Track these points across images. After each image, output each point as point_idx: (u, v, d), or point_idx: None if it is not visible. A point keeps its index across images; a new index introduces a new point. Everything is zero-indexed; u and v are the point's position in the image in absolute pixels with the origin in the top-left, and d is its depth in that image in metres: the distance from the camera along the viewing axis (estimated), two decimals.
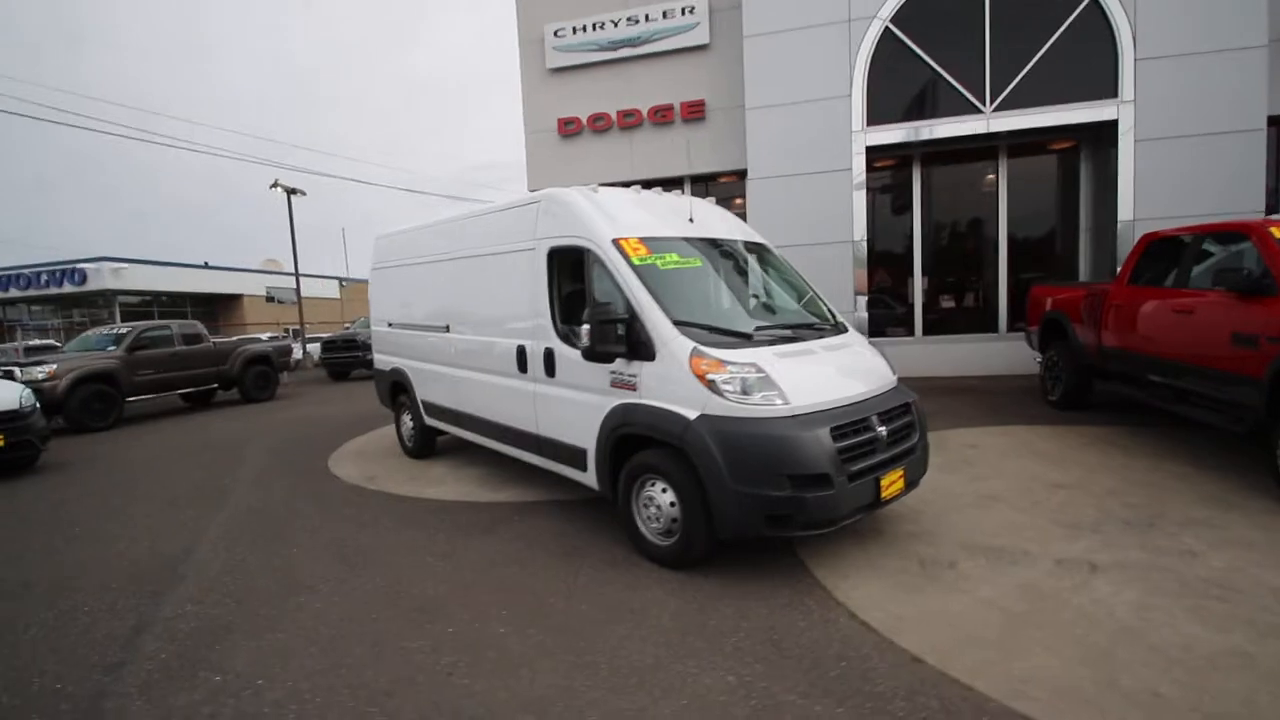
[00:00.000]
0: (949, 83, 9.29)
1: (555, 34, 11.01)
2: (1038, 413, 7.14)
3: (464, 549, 4.08)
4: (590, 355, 3.69)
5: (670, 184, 11.00)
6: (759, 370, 3.39)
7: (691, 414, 3.37)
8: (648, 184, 10.95)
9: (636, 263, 3.83)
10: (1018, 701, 2.33)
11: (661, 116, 10.72)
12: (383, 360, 6.99)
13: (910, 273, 10.44)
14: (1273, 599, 2.94)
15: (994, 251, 10.24)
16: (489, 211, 5.16)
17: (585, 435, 4.07)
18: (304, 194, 27.07)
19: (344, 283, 44.36)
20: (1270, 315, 4.21)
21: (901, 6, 9.28)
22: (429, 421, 6.23)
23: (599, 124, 10.98)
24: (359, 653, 2.85)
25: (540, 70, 11.22)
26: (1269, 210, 8.55)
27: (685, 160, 10.65)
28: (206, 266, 35.13)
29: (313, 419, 9.98)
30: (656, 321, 3.58)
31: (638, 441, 3.75)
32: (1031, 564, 3.45)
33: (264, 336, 22.06)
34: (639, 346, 3.61)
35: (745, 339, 3.72)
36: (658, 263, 3.93)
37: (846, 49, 9.51)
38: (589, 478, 4.14)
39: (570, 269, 4.30)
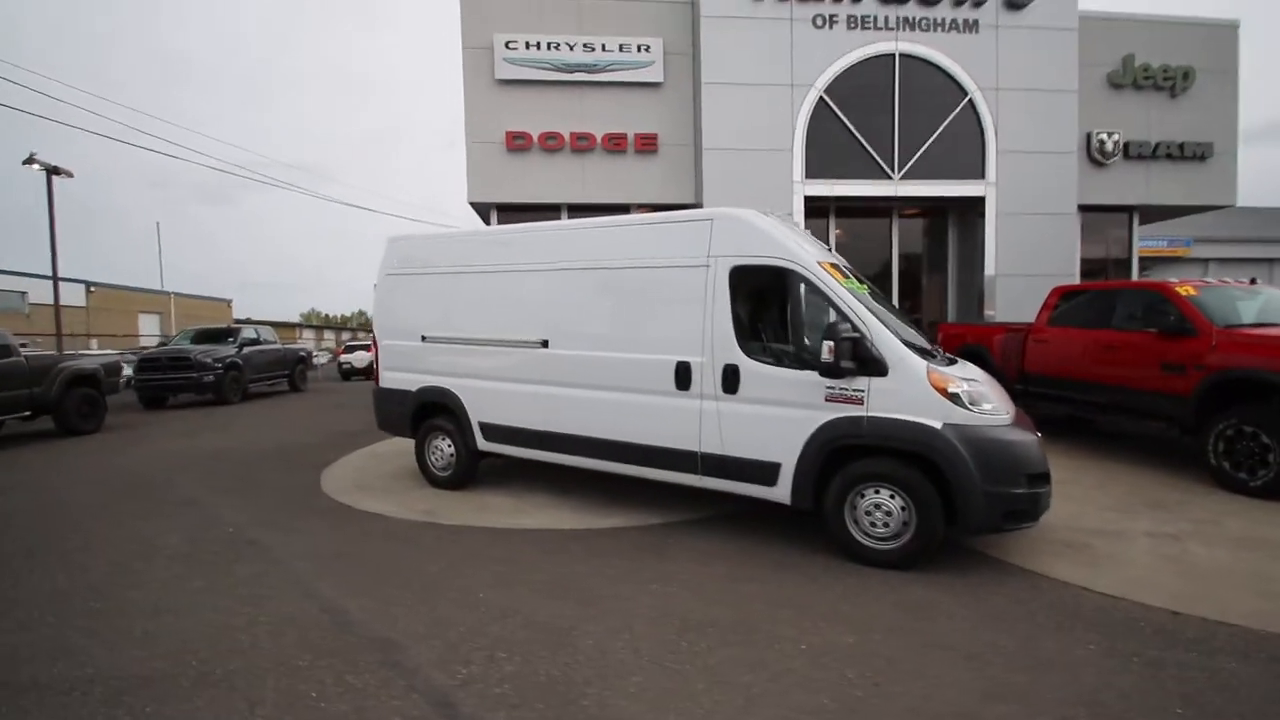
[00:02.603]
0: (867, 151, 11.01)
1: (506, 45, 10.65)
2: None
3: (677, 574, 3.90)
4: (832, 372, 3.88)
5: (618, 210, 11.24)
6: (979, 383, 3.91)
7: (936, 424, 3.75)
8: (598, 209, 11.14)
9: (844, 286, 4.14)
10: (1258, 623, 3.10)
11: (615, 144, 10.93)
12: (402, 379, 6.11)
13: None
14: None
15: (888, 294, 12.19)
16: (624, 224, 5.01)
17: (781, 450, 4.19)
18: (70, 175, 21.78)
19: (91, 287, 35.55)
20: (1194, 350, 5.89)
21: (833, 81, 10.82)
22: (485, 446, 5.64)
23: (551, 143, 10.81)
24: (754, 680, 2.69)
25: (487, 79, 10.72)
26: (1082, 274, 11.57)
27: (637, 189, 11.02)
28: None
29: (211, 452, 8.11)
30: (887, 340, 3.92)
31: (852, 452, 4.00)
32: (1134, 539, 4.40)
33: None
34: (870, 363, 3.89)
35: (931, 355, 4.21)
36: (851, 286, 4.27)
37: (790, 109, 10.77)
38: (777, 492, 4.25)
39: (752, 287, 4.43)
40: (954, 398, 3.79)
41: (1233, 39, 11.92)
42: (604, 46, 10.81)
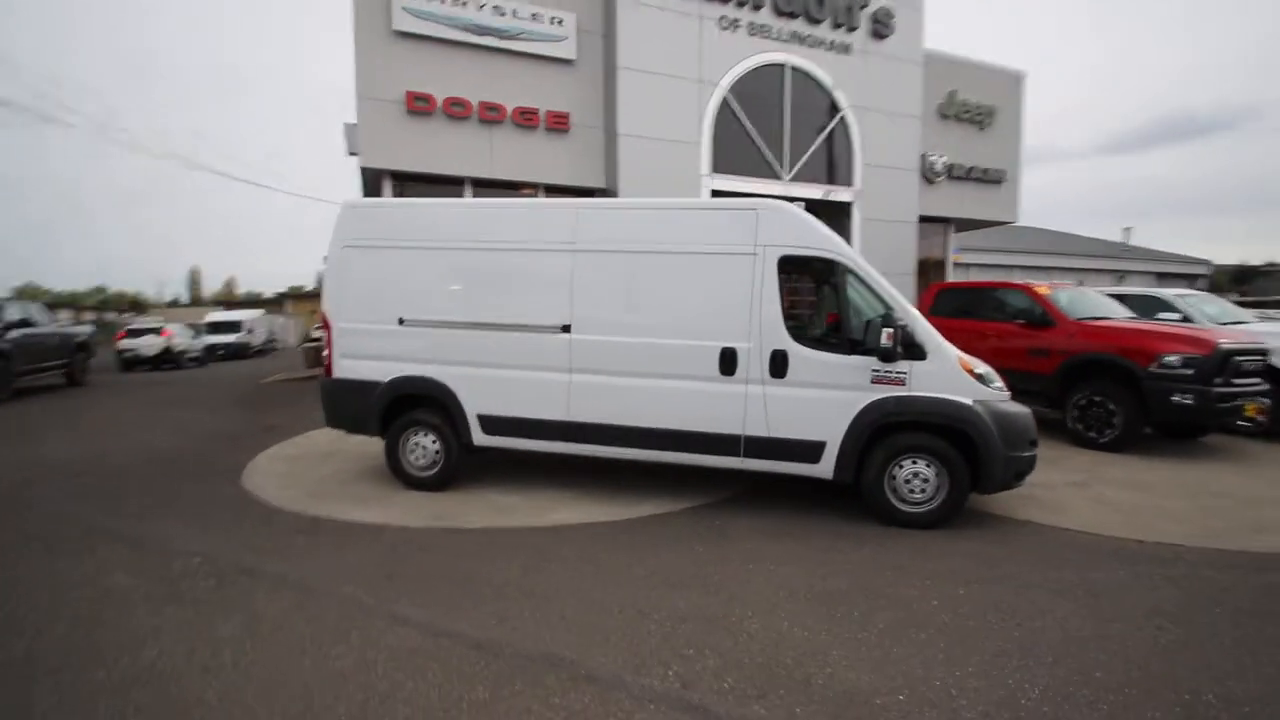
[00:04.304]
0: (762, 152, 11.86)
1: None
2: None
3: (763, 553, 4.02)
4: (888, 356, 4.27)
5: (521, 189, 10.80)
6: (986, 364, 4.60)
7: (968, 400, 4.34)
8: (505, 186, 10.66)
9: (882, 278, 4.56)
10: (1197, 542, 4.16)
11: (527, 119, 10.39)
12: (368, 368, 5.30)
13: None
14: (1177, 481, 5.59)
15: None
16: (660, 207, 4.89)
17: (827, 429, 4.51)
18: None
19: None
20: (1055, 337, 7.43)
21: (735, 82, 11.44)
22: (483, 441, 5.17)
23: (457, 109, 9.94)
24: (929, 638, 2.95)
25: (383, 29, 9.48)
26: (919, 270, 13.67)
27: (547, 169, 10.65)
28: None
29: (55, 464, 6.27)
30: (927, 328, 4.43)
31: (889, 429, 4.46)
32: (1058, 488, 5.46)
33: None
34: (912, 348, 4.37)
35: None
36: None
37: (698, 104, 11.17)
38: (820, 468, 4.58)
39: (794, 276, 4.66)
40: (980, 378, 4.42)
41: (1019, 86, 14.92)
42: (515, 12, 10.18)
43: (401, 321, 5.22)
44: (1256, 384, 6.59)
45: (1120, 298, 9.36)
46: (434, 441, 5.27)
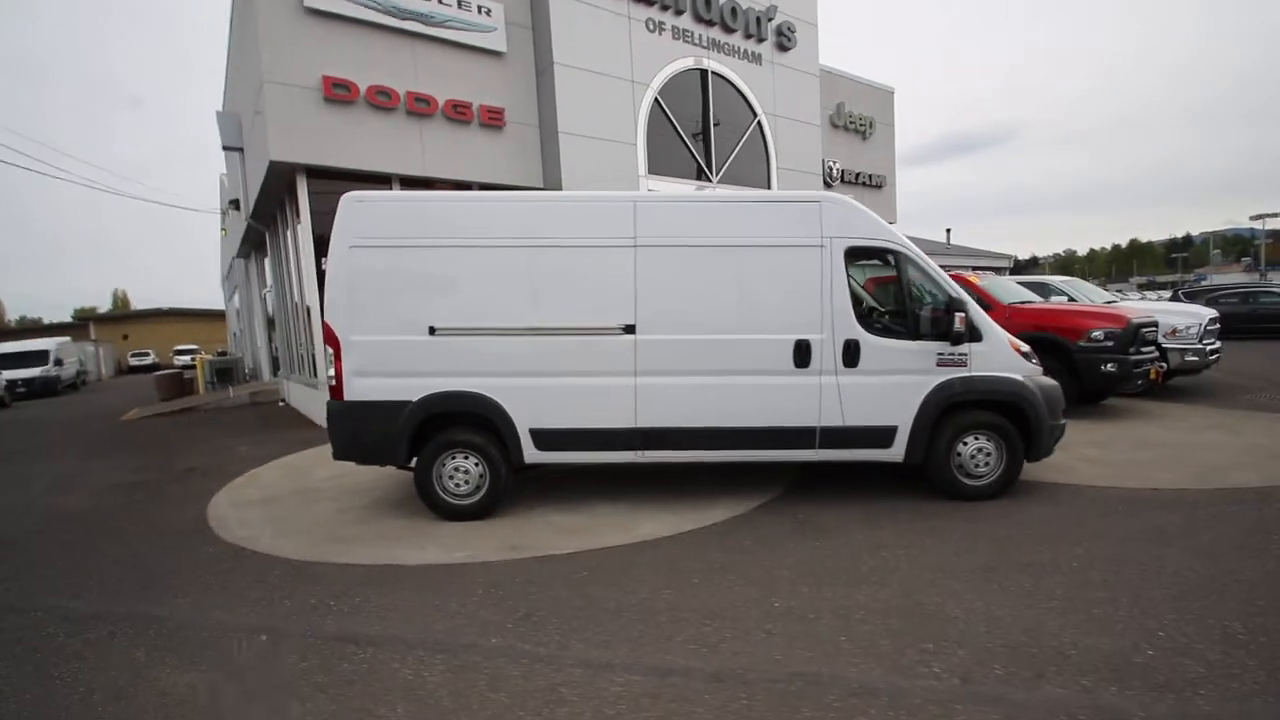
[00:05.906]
0: (692, 154, 12.06)
1: None
2: None
3: (876, 542, 4.04)
4: (959, 339, 4.49)
5: (456, 187, 10.06)
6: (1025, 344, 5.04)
7: (1019, 376, 4.72)
8: (438, 184, 9.98)
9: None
10: (1193, 485, 4.87)
11: (460, 113, 9.64)
12: (392, 387, 4.55)
13: None
14: (1123, 437, 6.49)
15: None
16: (723, 200, 4.74)
17: (898, 413, 4.67)
18: None
19: None
20: (997, 319, 8.35)
21: (664, 85, 11.52)
22: (535, 457, 4.68)
23: (383, 99, 8.95)
24: (1108, 596, 3.13)
25: (293, 5, 8.28)
26: None
27: (483, 167, 9.98)
28: None
29: None
30: (980, 312, 4.75)
31: (955, 407, 4.72)
32: (1065, 449, 6.13)
33: None
34: (972, 330, 4.65)
35: None
36: None
37: (632, 104, 11.09)
38: (892, 452, 4.72)
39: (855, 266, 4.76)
40: (1026, 355, 4.82)
41: (891, 101, 16.63)
42: None
43: (433, 331, 4.57)
44: (1152, 352, 7.91)
45: (1022, 284, 10.77)
46: (476, 464, 4.68)
